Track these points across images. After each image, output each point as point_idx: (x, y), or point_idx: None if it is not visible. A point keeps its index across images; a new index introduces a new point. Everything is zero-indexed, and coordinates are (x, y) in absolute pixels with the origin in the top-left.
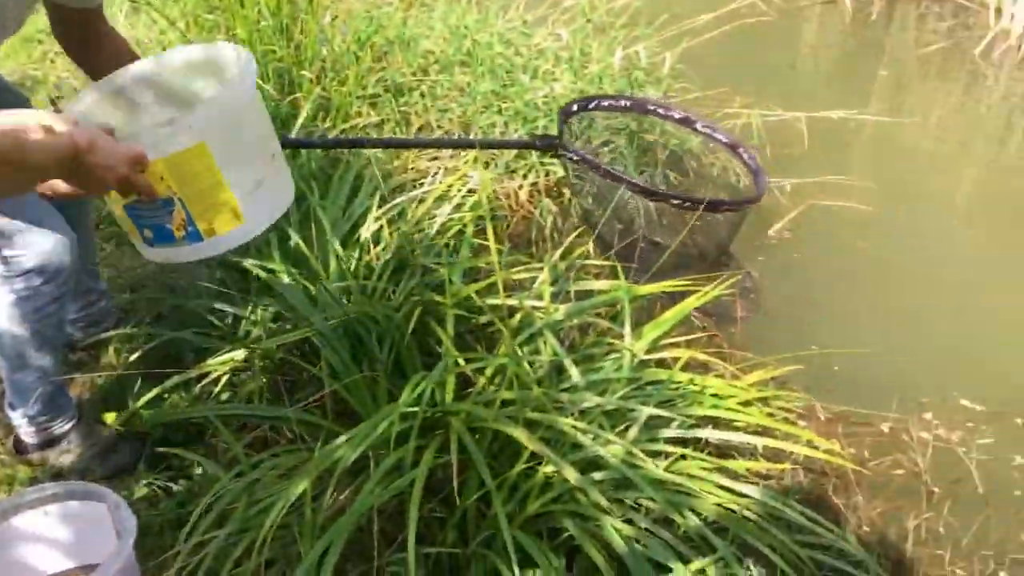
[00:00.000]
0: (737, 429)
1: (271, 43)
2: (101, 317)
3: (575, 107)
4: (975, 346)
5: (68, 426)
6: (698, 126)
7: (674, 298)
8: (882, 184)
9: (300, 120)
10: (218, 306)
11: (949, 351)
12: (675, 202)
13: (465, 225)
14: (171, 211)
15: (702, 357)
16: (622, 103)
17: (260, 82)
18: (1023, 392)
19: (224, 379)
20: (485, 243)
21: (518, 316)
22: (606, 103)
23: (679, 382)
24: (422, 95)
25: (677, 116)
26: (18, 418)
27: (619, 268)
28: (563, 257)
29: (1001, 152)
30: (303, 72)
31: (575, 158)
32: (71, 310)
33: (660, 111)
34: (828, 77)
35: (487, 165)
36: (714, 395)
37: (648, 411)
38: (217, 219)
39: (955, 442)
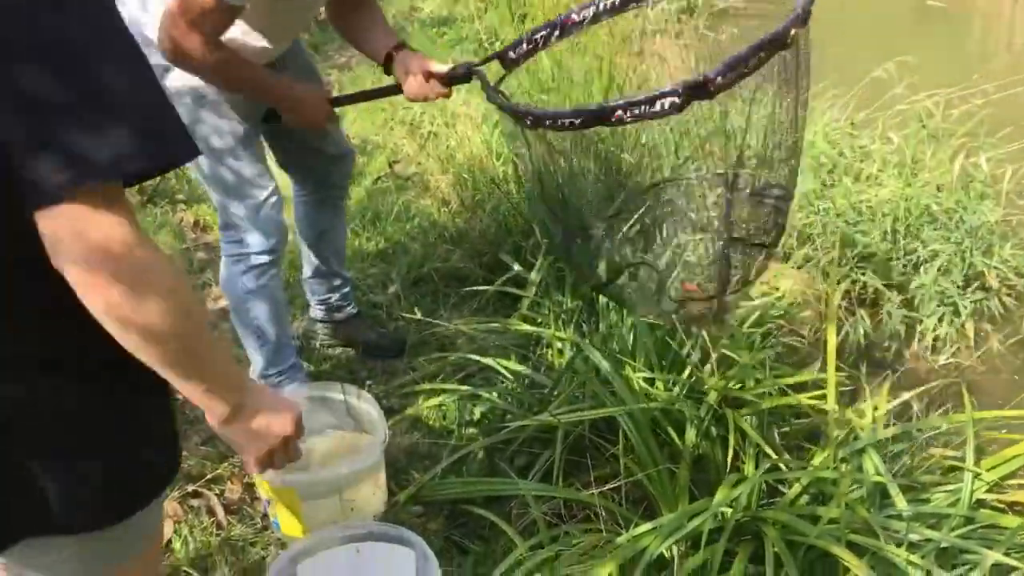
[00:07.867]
0: None
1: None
2: (342, 303)
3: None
4: None
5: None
6: None
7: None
8: None
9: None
10: (525, 371)
11: None
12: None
13: (773, 321)
14: (269, 504)
15: None
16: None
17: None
18: None
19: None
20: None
21: (842, 430)
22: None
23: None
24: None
25: None
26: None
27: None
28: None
29: None
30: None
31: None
32: (318, 291)
33: None
34: None
35: (800, 266)
36: None
37: (995, 557)
38: (288, 528)
39: None
